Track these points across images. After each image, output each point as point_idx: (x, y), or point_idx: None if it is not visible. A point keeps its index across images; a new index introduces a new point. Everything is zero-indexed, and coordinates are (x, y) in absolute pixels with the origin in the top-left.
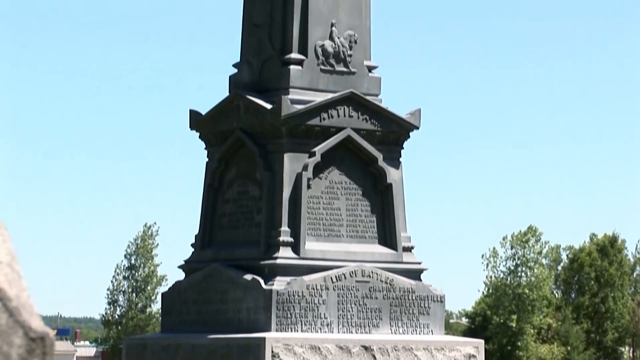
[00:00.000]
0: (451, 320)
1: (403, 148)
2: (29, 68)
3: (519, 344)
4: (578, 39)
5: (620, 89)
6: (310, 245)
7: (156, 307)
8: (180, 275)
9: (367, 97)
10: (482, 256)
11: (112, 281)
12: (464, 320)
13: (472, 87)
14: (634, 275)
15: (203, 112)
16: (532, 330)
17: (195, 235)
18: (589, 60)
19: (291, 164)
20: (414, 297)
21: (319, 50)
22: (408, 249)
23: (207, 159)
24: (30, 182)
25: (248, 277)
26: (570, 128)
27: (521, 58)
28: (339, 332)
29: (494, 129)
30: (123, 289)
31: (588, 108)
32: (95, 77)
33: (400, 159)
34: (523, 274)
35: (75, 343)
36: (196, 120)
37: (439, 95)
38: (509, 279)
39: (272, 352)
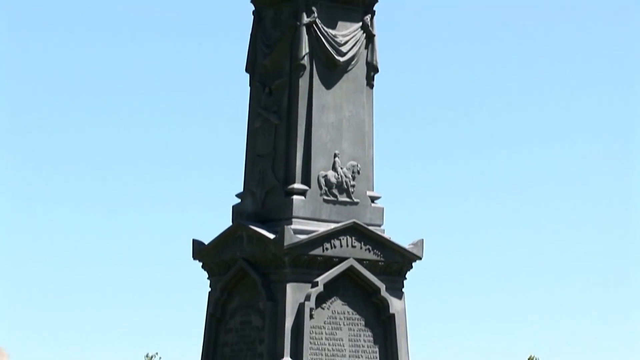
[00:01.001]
0: None
1: (406, 278)
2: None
3: None
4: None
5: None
6: None
7: None
8: None
9: (370, 228)
10: None
11: None
12: None
13: (475, 218)
14: None
15: (206, 242)
16: None
17: None
18: (586, 199)
19: (294, 294)
20: None
21: (322, 181)
22: None
23: (209, 289)
24: (32, 309)
25: None
26: (571, 258)
27: (526, 188)
28: None
29: (496, 260)
30: None
31: (584, 238)
32: (95, 204)
33: (403, 290)
34: None
35: None
36: (199, 250)
37: (442, 225)
38: None
39: None
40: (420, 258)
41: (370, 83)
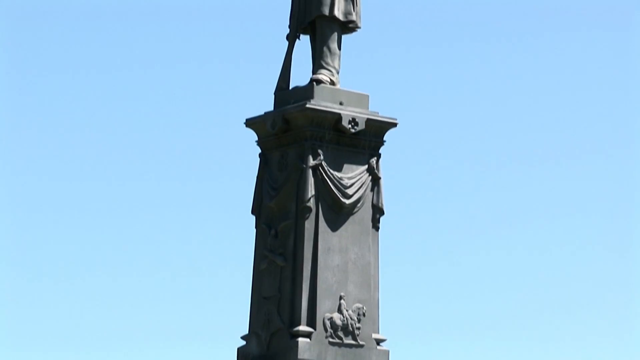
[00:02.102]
0: None
1: None
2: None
3: None
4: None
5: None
6: None
7: None
8: None
9: None
10: None
11: None
12: None
13: (482, 353)
14: None
15: None
16: None
17: None
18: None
19: None
20: None
21: (328, 323)
22: None
23: None
24: None
25: None
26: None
27: (533, 329)
28: None
29: None
30: None
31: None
32: (97, 342)
33: None
34: None
35: None
36: None
37: None
38: None
39: None
40: None
41: (375, 225)
